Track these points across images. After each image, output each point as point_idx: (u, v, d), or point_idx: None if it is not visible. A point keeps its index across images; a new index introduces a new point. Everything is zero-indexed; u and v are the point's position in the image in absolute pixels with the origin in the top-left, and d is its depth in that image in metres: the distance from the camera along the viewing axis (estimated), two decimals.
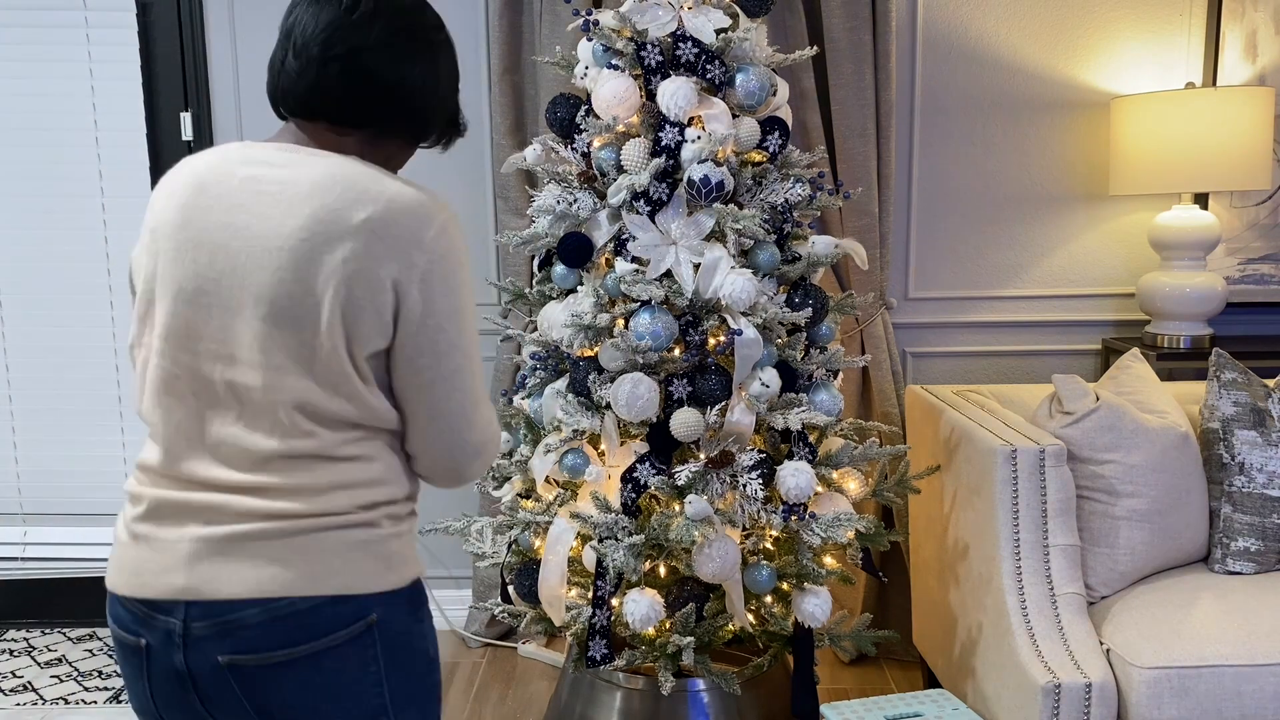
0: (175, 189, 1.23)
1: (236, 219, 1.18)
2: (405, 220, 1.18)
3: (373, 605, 1.20)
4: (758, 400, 2.13)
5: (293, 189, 1.18)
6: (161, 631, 1.18)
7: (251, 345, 1.17)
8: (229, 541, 1.16)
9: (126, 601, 1.20)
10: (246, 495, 1.17)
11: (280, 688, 1.17)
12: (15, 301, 3.24)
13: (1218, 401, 2.36)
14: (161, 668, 1.19)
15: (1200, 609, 2.09)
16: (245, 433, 1.17)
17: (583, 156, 2.28)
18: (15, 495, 3.32)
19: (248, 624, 1.15)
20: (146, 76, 3.11)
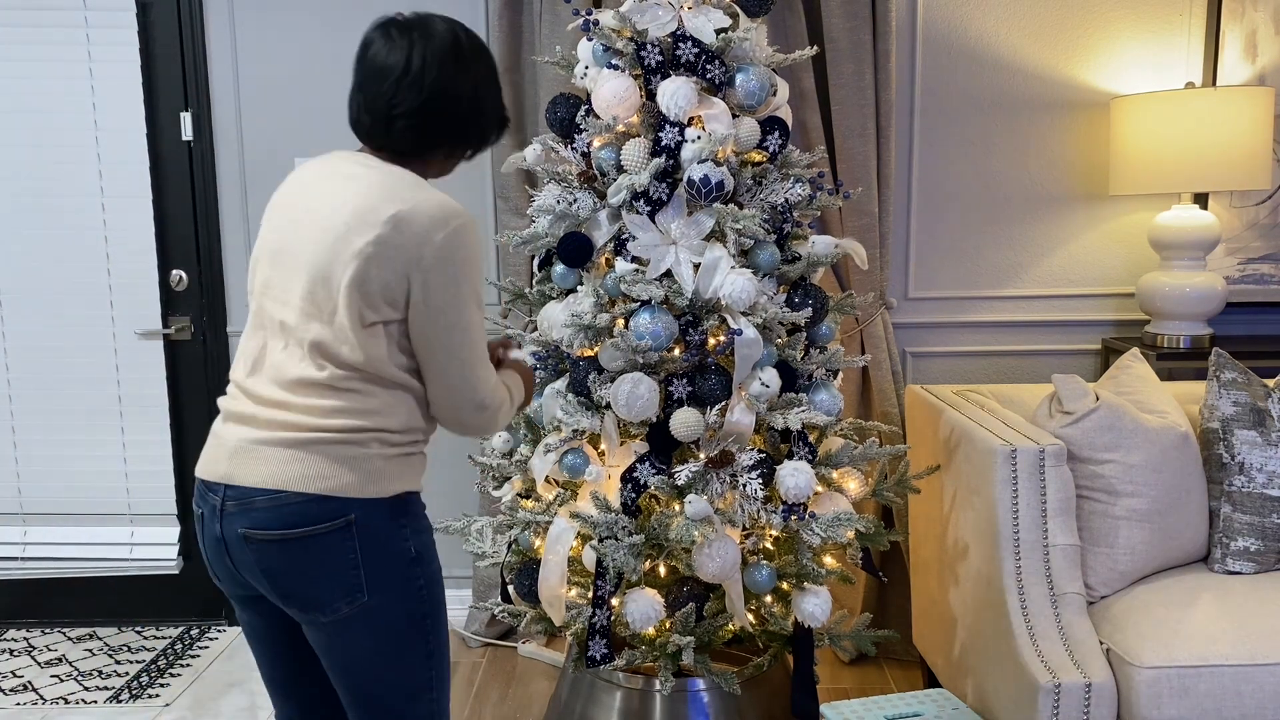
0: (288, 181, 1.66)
1: (310, 204, 1.58)
2: (422, 221, 1.52)
3: (352, 506, 1.54)
4: (757, 400, 2.13)
5: (353, 188, 1.55)
6: (210, 505, 1.58)
7: (298, 294, 1.55)
8: (256, 444, 1.54)
9: (198, 482, 1.62)
10: (275, 409, 1.55)
11: (279, 557, 1.54)
12: (15, 301, 3.24)
13: (1217, 401, 2.36)
14: (209, 532, 1.59)
15: (1200, 609, 2.09)
16: (284, 360, 1.56)
17: (583, 156, 2.28)
18: (15, 495, 3.32)
19: (258, 507, 1.53)
20: (146, 76, 3.11)
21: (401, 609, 1.59)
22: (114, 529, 3.32)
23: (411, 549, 1.60)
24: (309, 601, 1.55)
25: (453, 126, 1.61)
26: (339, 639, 1.58)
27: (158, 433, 3.27)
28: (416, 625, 1.61)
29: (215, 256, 3.18)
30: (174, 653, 3.14)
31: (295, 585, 1.55)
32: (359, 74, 1.61)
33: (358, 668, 1.60)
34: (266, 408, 1.55)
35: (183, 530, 3.31)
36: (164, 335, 3.22)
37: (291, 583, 1.54)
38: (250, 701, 2.83)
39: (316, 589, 1.54)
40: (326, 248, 1.52)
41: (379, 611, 1.57)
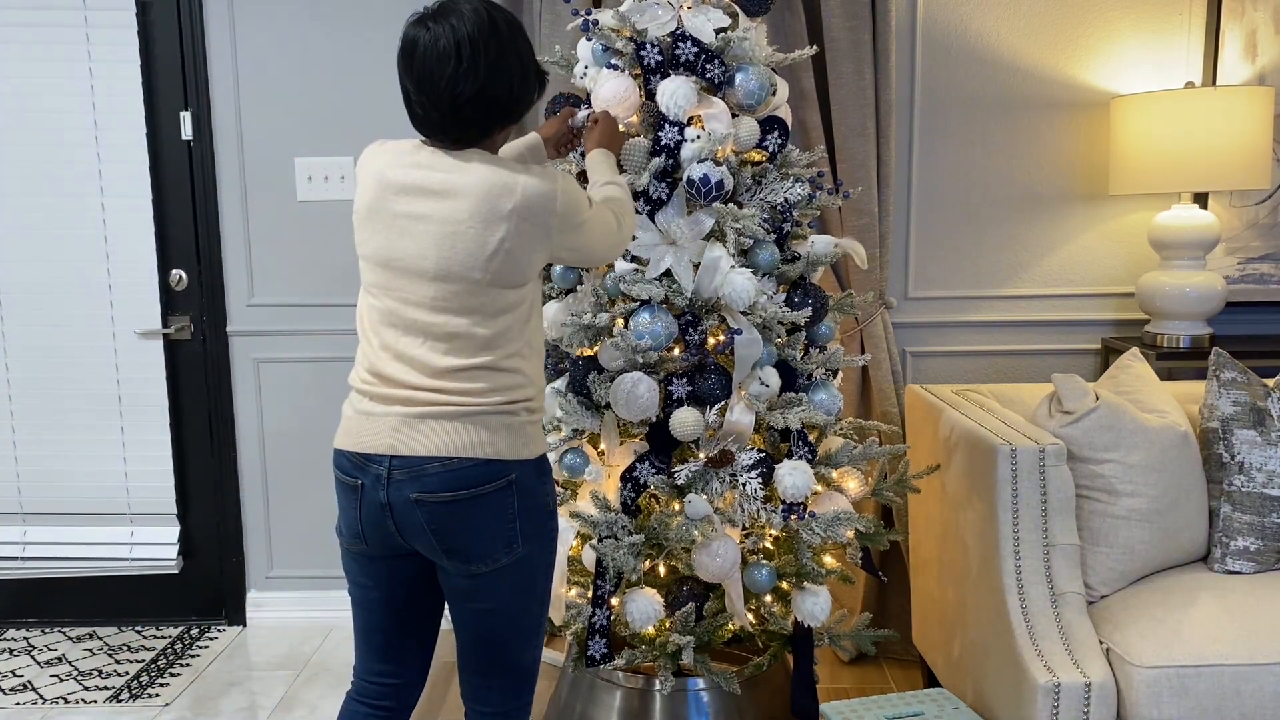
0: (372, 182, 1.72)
1: (414, 208, 1.67)
2: (538, 198, 1.67)
3: (513, 468, 1.71)
4: (757, 399, 2.13)
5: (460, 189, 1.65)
6: (372, 475, 1.71)
7: (429, 295, 1.67)
8: (420, 418, 1.68)
9: (348, 455, 1.74)
10: (431, 393, 1.68)
11: (449, 517, 1.69)
12: (15, 301, 3.24)
13: (1217, 401, 2.36)
14: (371, 499, 1.72)
15: (1200, 608, 2.09)
16: (427, 354, 1.68)
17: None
18: (15, 495, 3.32)
19: (430, 473, 1.68)
20: (146, 76, 3.11)
21: (543, 557, 1.78)
22: (114, 529, 3.32)
23: (550, 503, 1.80)
24: (473, 554, 1.71)
25: (510, 101, 1.69)
26: (489, 585, 1.74)
27: (158, 432, 3.27)
28: (546, 573, 1.80)
29: (215, 256, 3.18)
30: (174, 652, 3.14)
31: (462, 540, 1.70)
32: (413, 74, 1.66)
33: (498, 613, 1.76)
34: (422, 392, 1.68)
35: (182, 530, 3.31)
36: (164, 335, 3.22)
37: (459, 538, 1.70)
38: (250, 701, 2.83)
39: (482, 542, 1.70)
40: (453, 254, 1.65)
41: (527, 560, 1.75)
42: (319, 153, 3.13)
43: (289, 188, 3.15)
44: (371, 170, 1.72)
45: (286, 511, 3.31)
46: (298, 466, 3.28)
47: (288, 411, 3.25)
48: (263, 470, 3.29)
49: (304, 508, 3.30)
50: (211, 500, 3.30)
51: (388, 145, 1.74)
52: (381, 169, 1.71)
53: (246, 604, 3.34)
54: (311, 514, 3.31)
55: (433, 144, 1.72)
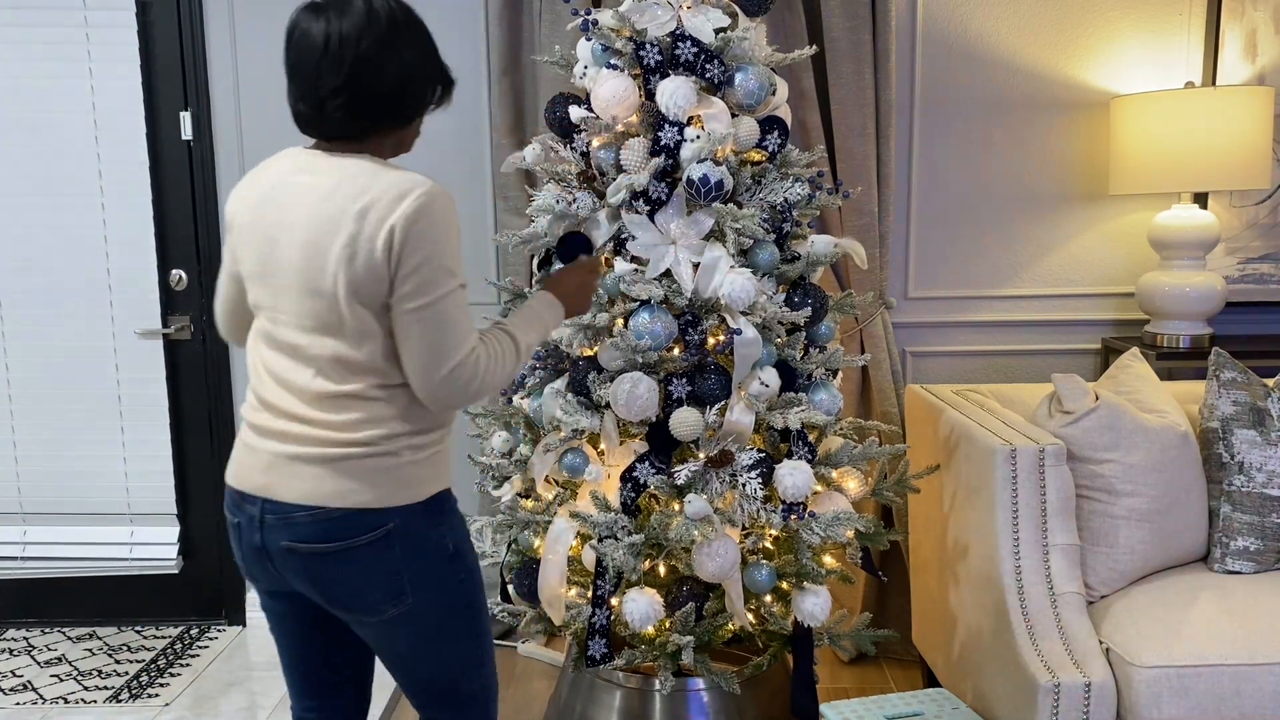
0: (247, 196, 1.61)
1: (282, 218, 1.55)
2: (383, 207, 1.49)
3: (391, 516, 1.56)
4: (757, 399, 2.13)
5: (314, 195, 1.53)
6: (247, 515, 1.59)
7: (298, 314, 1.54)
8: (290, 460, 1.55)
9: (231, 491, 1.63)
10: (303, 425, 1.55)
11: (325, 568, 1.56)
12: (15, 301, 3.24)
13: (1217, 401, 2.36)
14: (248, 541, 1.60)
15: (1199, 608, 2.09)
16: (301, 378, 1.55)
17: (582, 156, 2.28)
18: (15, 495, 3.32)
19: (298, 521, 1.55)
20: (146, 76, 3.11)
21: (445, 604, 1.63)
22: (114, 528, 3.32)
23: (449, 545, 1.63)
24: (355, 606, 1.59)
25: (383, 101, 1.55)
26: (387, 635, 1.63)
27: (157, 432, 3.27)
28: (460, 614, 1.66)
29: (215, 256, 3.18)
30: (174, 652, 3.14)
31: (341, 592, 1.58)
32: (287, 61, 1.55)
33: (409, 657, 1.65)
34: (295, 423, 1.55)
35: (182, 530, 3.31)
36: (164, 335, 3.22)
37: (338, 590, 1.58)
38: (250, 701, 2.83)
39: (362, 595, 1.58)
40: (310, 262, 1.51)
41: (423, 609, 1.61)
42: None
43: None
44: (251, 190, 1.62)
45: None
46: None
47: None
48: None
49: None
50: (211, 500, 3.30)
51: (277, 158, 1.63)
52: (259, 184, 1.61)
53: (246, 604, 3.34)
54: None
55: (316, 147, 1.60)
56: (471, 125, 3.10)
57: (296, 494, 1.54)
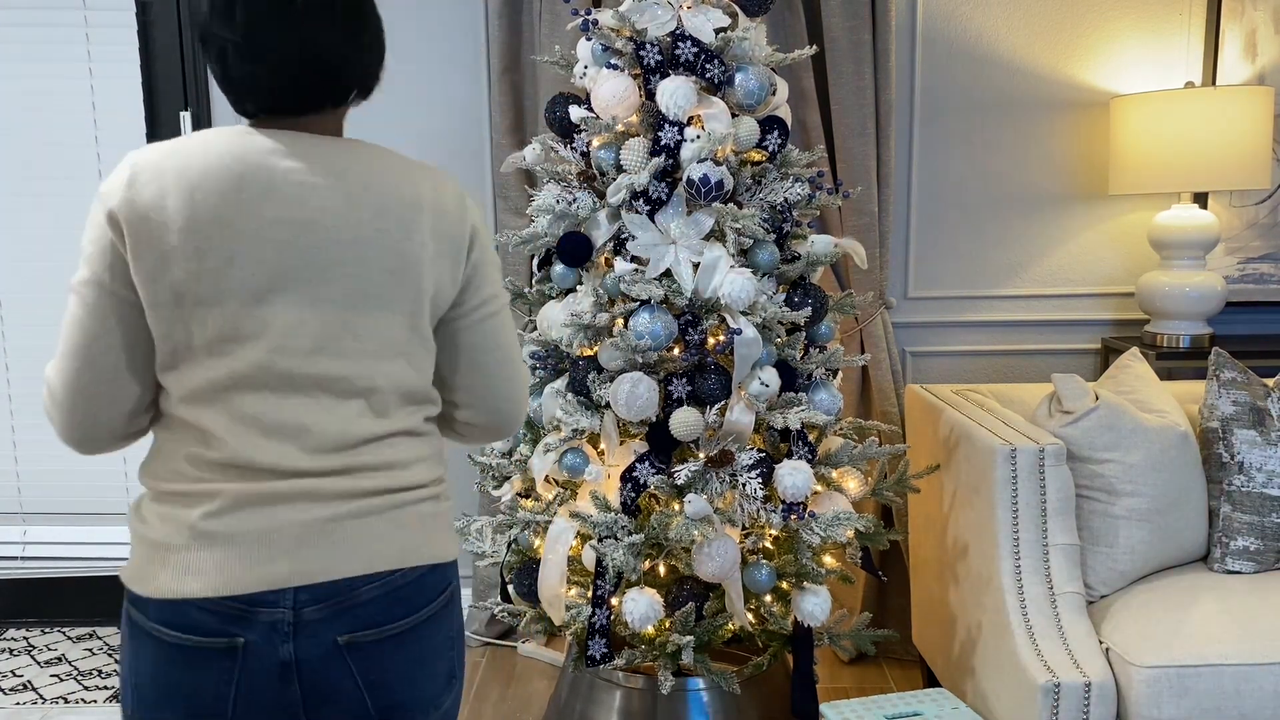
0: (199, 184, 1.14)
1: (298, 213, 1.16)
2: (450, 190, 1.28)
3: (452, 573, 1.26)
4: (757, 399, 2.13)
5: (343, 181, 1.19)
6: (264, 624, 1.14)
7: (337, 335, 1.17)
8: (331, 522, 1.17)
9: (209, 603, 1.14)
10: (338, 477, 1.18)
11: (386, 659, 1.19)
12: (15, 301, 3.24)
13: (1217, 401, 2.36)
14: (264, 663, 1.15)
15: (1199, 608, 2.09)
16: (330, 419, 1.18)
17: (582, 156, 2.28)
18: (15, 495, 3.32)
19: (363, 600, 1.17)
20: (146, 76, 3.11)
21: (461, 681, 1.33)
22: (114, 529, 3.32)
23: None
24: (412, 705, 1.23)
25: (377, 63, 1.27)
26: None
27: None
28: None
29: None
30: None
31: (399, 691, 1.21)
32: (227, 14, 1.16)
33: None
34: (324, 479, 1.18)
35: None
36: None
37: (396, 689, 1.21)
38: None
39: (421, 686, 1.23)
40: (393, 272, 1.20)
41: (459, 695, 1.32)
42: None
43: None
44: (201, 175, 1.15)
45: None
46: None
47: None
48: None
49: None
50: None
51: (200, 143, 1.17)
52: (228, 168, 1.16)
53: None
54: None
55: (265, 125, 1.22)
56: (471, 125, 3.10)
57: (357, 564, 1.17)
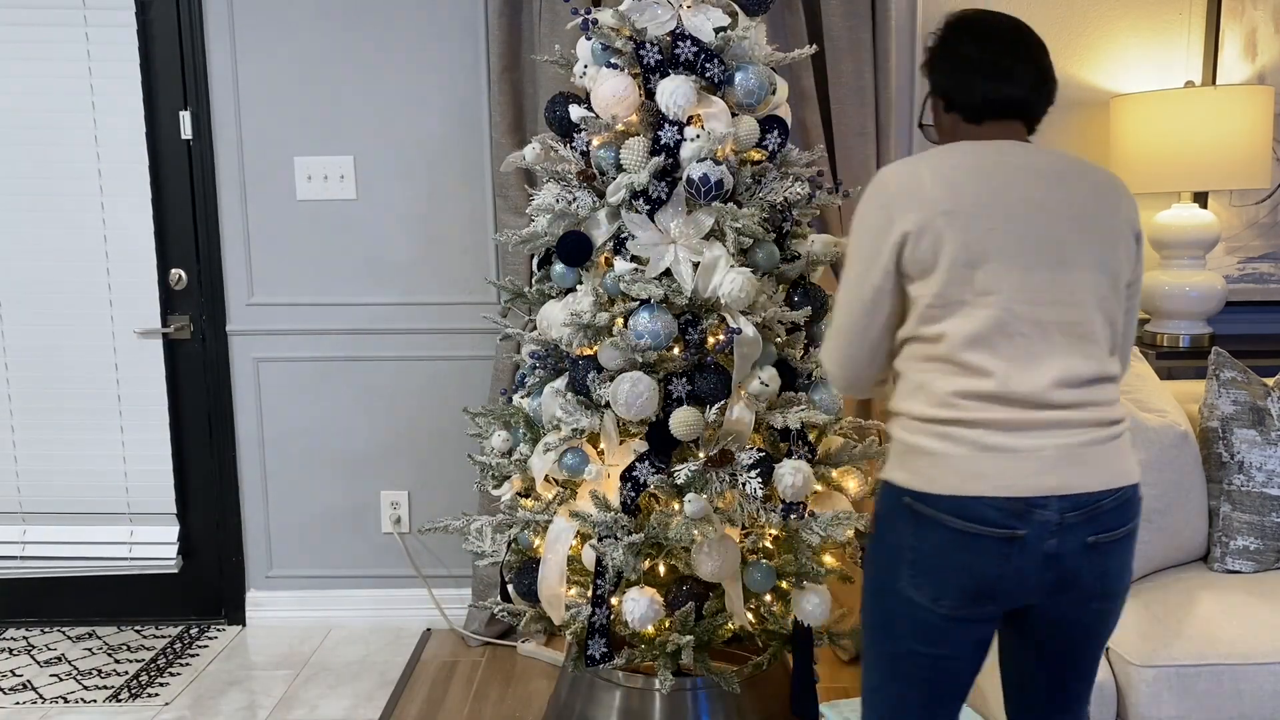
0: (955, 178, 1.54)
1: (1045, 197, 1.53)
2: (1120, 182, 1.62)
3: (1140, 491, 1.57)
4: (757, 399, 2.13)
5: (1075, 172, 1.57)
6: (1037, 522, 1.46)
7: (1078, 294, 1.51)
8: (1080, 447, 1.48)
9: (997, 502, 1.47)
10: (1084, 409, 1.50)
11: (1114, 555, 1.52)
12: (15, 301, 3.24)
13: (1217, 400, 2.36)
14: (1032, 553, 1.48)
15: (1200, 608, 2.09)
16: (1069, 361, 1.50)
17: (582, 155, 2.28)
18: (15, 494, 3.32)
19: (1105, 509, 1.49)
20: (146, 76, 3.10)
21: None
22: (113, 528, 3.32)
23: None
24: (1118, 590, 1.56)
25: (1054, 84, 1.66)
26: (1108, 622, 1.59)
27: (157, 432, 3.27)
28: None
29: (214, 255, 3.18)
30: (173, 652, 3.14)
31: (1114, 580, 1.54)
32: (982, 48, 1.59)
33: (1103, 645, 1.63)
34: (1074, 410, 1.49)
35: (182, 530, 3.31)
36: (163, 334, 3.22)
37: (1113, 578, 1.54)
38: (250, 701, 2.83)
39: (1125, 578, 1.56)
40: (1108, 241, 1.54)
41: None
42: (319, 152, 3.13)
43: (288, 187, 3.15)
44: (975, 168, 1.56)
45: (286, 511, 3.31)
46: (297, 466, 3.28)
47: (287, 411, 3.25)
48: (262, 470, 3.29)
49: (304, 507, 3.30)
50: (211, 500, 3.30)
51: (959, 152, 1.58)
52: (989, 165, 1.56)
53: (246, 603, 3.34)
54: (311, 513, 3.31)
55: (991, 135, 1.63)
56: (471, 124, 3.10)
57: (1100, 481, 1.49)
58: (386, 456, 3.27)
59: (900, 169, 1.58)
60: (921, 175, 1.55)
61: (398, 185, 3.14)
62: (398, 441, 3.26)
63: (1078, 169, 1.59)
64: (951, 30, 1.64)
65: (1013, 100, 1.60)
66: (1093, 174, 1.59)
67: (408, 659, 3.07)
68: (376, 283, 3.18)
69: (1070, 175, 1.57)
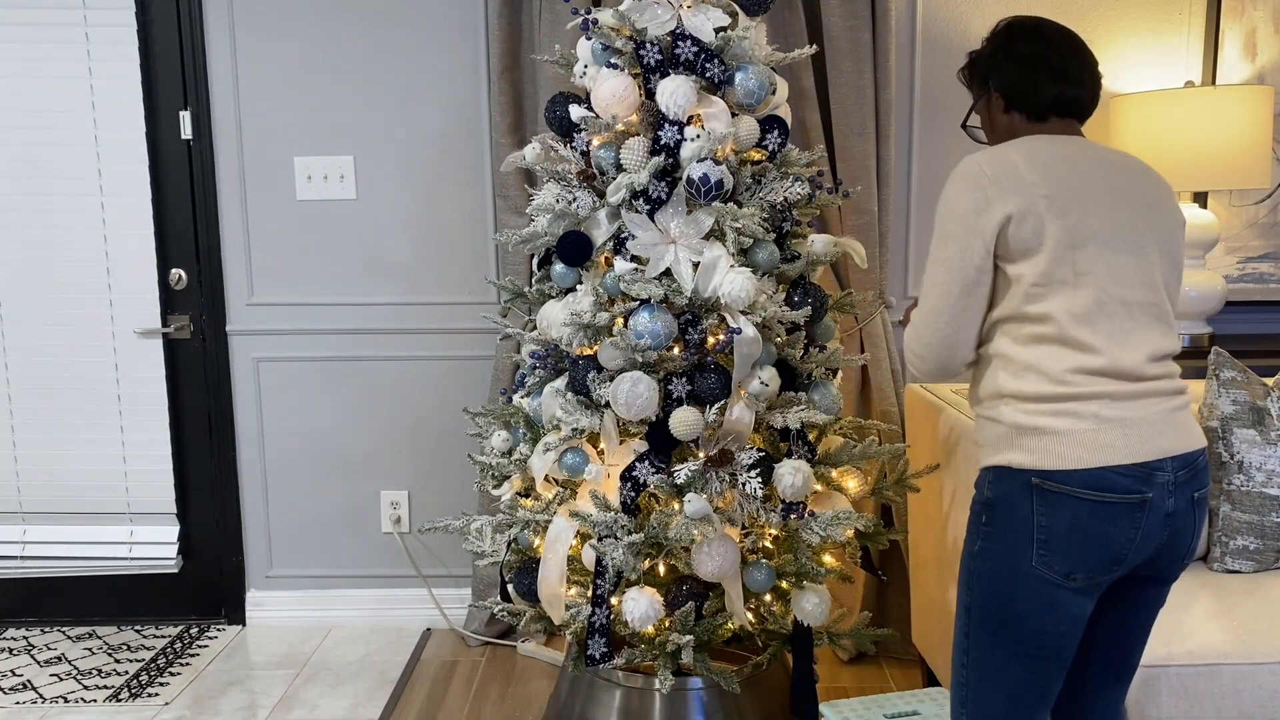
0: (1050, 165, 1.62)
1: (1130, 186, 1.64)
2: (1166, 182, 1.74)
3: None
4: (757, 399, 2.13)
5: (1138, 169, 1.68)
6: (1159, 484, 1.57)
7: (1154, 276, 1.63)
8: (1174, 412, 1.61)
9: (1125, 469, 1.56)
10: (1162, 380, 1.61)
11: (1203, 513, 1.65)
12: (15, 301, 3.24)
13: (1217, 400, 2.36)
14: (1156, 514, 1.58)
15: (1199, 607, 2.09)
16: (1148, 337, 1.61)
17: (582, 155, 2.28)
18: (15, 494, 3.32)
19: (1200, 467, 1.63)
20: (146, 76, 3.10)
21: None
22: (113, 528, 3.32)
23: None
24: (1192, 552, 1.67)
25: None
26: (1164, 592, 1.72)
27: (157, 432, 3.27)
28: None
29: (215, 255, 3.18)
30: (173, 651, 3.14)
31: (1199, 538, 1.66)
32: (1042, 52, 1.70)
33: (1155, 618, 1.74)
34: (1164, 380, 1.62)
35: (182, 529, 3.31)
36: (163, 334, 3.22)
37: (1199, 536, 1.66)
38: (250, 701, 2.83)
39: (1199, 537, 1.67)
40: (1169, 229, 1.66)
41: None
42: (319, 152, 3.13)
43: (289, 187, 3.15)
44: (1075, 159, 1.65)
45: (286, 511, 3.31)
46: (297, 466, 3.28)
47: (288, 411, 3.25)
48: (262, 469, 3.29)
49: (304, 507, 3.30)
50: (211, 499, 3.30)
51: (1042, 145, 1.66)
52: (1061, 157, 1.65)
53: (246, 603, 3.34)
54: (311, 513, 3.31)
55: (1048, 131, 1.71)
56: (471, 124, 3.10)
57: (1194, 440, 1.62)
58: (386, 456, 3.27)
59: (992, 156, 1.64)
60: (1016, 162, 1.62)
61: (398, 185, 3.14)
62: (398, 441, 3.26)
63: (1136, 164, 1.70)
64: (1012, 34, 1.74)
65: (1076, 100, 1.71)
66: (1145, 169, 1.71)
67: (408, 659, 3.07)
68: (376, 283, 3.18)
69: (1134, 169, 1.68)
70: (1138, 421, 1.58)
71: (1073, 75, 1.70)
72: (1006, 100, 1.74)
